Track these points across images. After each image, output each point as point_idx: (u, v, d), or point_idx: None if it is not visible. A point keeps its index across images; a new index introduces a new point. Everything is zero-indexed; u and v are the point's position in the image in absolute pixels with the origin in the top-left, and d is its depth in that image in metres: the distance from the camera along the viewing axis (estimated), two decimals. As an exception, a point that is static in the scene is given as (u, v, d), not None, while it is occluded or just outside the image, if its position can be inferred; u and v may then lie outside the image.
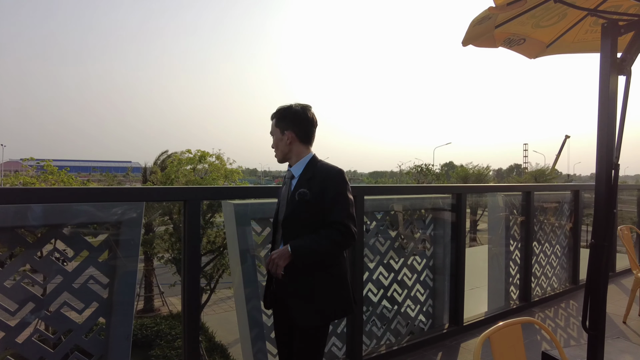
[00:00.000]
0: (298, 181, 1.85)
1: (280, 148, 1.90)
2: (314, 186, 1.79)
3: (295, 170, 1.89)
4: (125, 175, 40.17)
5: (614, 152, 2.42)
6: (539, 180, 31.36)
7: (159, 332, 12.78)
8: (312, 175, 1.83)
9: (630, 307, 3.82)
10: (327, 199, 1.77)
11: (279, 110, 1.91)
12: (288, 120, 1.87)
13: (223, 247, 13.49)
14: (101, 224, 2.03)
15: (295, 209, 1.80)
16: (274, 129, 1.91)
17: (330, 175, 1.81)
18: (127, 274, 2.07)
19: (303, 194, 1.79)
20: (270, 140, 1.95)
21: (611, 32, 2.44)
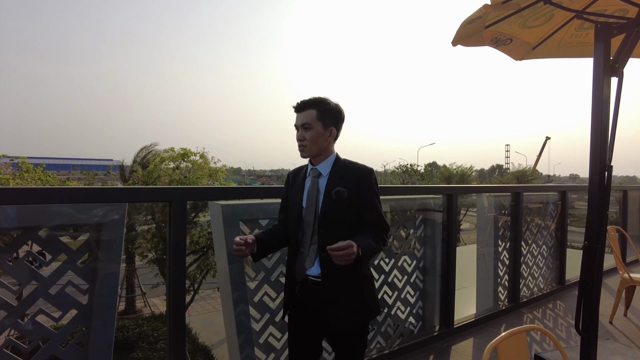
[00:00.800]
0: (329, 179, 1.78)
1: (319, 143, 1.78)
2: (348, 185, 1.74)
3: (323, 169, 1.80)
4: (107, 173, 39.28)
5: (607, 154, 2.41)
6: (521, 180, 31.90)
7: (141, 334, 12.50)
8: (344, 173, 1.78)
9: (617, 307, 3.86)
10: (364, 197, 1.76)
11: (321, 102, 1.78)
12: (332, 115, 1.80)
13: (207, 248, 13.29)
14: (80, 226, 1.91)
15: (332, 208, 1.73)
16: (314, 122, 1.76)
17: (365, 174, 1.78)
18: (109, 279, 1.96)
19: (341, 192, 1.72)
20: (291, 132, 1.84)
21: (604, 34, 2.42)
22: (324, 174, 1.79)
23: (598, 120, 2.40)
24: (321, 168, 1.80)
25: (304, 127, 1.76)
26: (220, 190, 2.24)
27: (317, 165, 1.81)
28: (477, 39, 3.16)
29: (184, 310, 2.08)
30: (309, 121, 1.75)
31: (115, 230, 1.92)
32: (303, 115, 1.76)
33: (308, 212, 1.77)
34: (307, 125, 1.75)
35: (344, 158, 1.87)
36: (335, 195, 1.72)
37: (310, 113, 1.76)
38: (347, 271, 1.69)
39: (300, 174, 1.89)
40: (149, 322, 13.77)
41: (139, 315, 15.54)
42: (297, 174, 1.92)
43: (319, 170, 1.80)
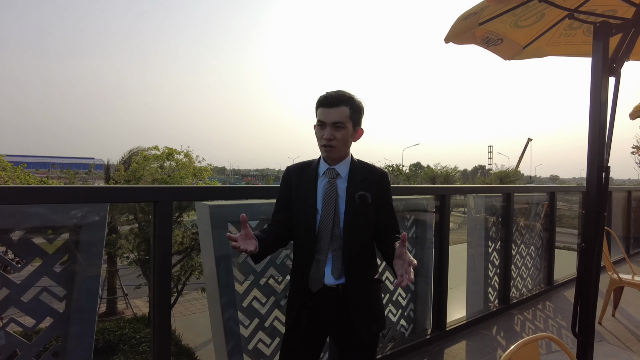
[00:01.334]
0: (350, 182, 1.66)
1: (348, 144, 1.67)
2: (370, 188, 1.65)
3: (342, 170, 1.68)
4: (88, 172, 38.40)
5: (604, 155, 2.38)
6: (504, 181, 32.37)
7: (123, 337, 12.20)
8: (366, 175, 1.67)
9: (606, 308, 3.87)
10: (384, 202, 1.68)
11: (352, 98, 1.63)
12: (361, 114, 1.68)
13: (191, 249, 13.05)
14: (58, 228, 1.77)
15: (357, 213, 1.62)
16: (347, 121, 1.61)
17: (385, 177, 1.71)
18: (88, 285, 1.82)
19: (365, 197, 1.62)
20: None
21: (603, 33, 2.39)
22: (343, 176, 1.67)
23: (596, 120, 2.36)
24: (339, 168, 1.68)
25: (336, 126, 1.60)
26: (208, 190, 2.12)
27: (334, 166, 1.68)
28: (469, 36, 3.14)
29: (169, 314, 1.96)
30: (342, 120, 1.60)
31: (96, 232, 1.78)
32: (336, 112, 1.59)
33: (326, 216, 1.63)
34: (340, 124, 1.60)
35: (357, 158, 1.76)
36: (359, 199, 1.62)
37: (344, 111, 1.60)
38: (369, 279, 1.65)
39: (308, 172, 1.73)
40: (131, 324, 13.46)
41: (120, 317, 15.19)
42: (302, 171, 1.75)
43: (337, 171, 1.67)
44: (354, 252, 1.65)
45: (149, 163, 16.04)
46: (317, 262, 1.64)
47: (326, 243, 1.63)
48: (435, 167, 36.56)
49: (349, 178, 1.66)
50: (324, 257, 1.63)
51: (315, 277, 1.65)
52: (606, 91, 2.37)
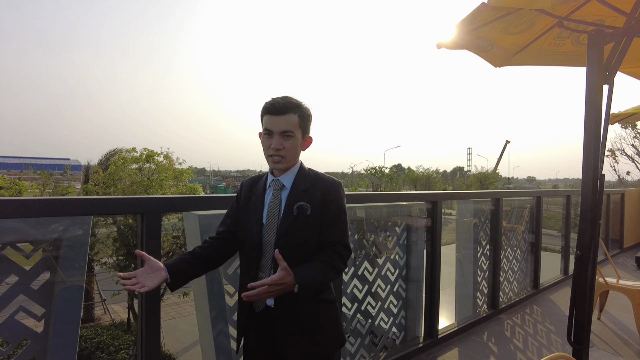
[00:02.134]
0: (292, 192, 1.52)
1: (297, 154, 1.54)
2: (313, 199, 1.50)
3: (286, 180, 1.54)
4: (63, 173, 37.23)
5: (599, 163, 2.38)
6: (484, 182, 32.94)
7: (100, 344, 11.82)
8: (309, 185, 1.53)
9: (592, 313, 3.90)
10: (329, 214, 1.51)
11: (300, 105, 1.52)
12: (309, 122, 1.55)
13: (172, 253, 12.76)
14: (36, 243, 1.64)
15: (292, 226, 1.48)
16: (297, 129, 1.50)
17: (333, 187, 1.54)
18: (70, 300, 1.70)
19: (303, 208, 1.48)
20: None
21: (598, 41, 2.39)
22: (287, 186, 1.54)
23: (591, 128, 2.36)
24: (284, 179, 1.55)
25: (285, 135, 1.48)
26: (197, 200, 2.02)
27: (279, 177, 1.55)
28: (460, 42, 3.14)
29: (158, 339, 1.84)
30: (291, 128, 1.48)
31: (78, 247, 1.66)
32: (284, 120, 1.48)
33: (269, 232, 1.51)
34: (289, 133, 1.48)
35: (309, 168, 1.63)
36: (297, 210, 1.48)
37: (292, 119, 1.49)
38: (302, 302, 1.47)
39: (258, 185, 1.61)
40: (108, 330, 13.07)
41: (97, 323, 14.74)
42: (254, 184, 1.63)
43: (281, 182, 1.55)
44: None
45: (128, 165, 15.63)
46: (260, 280, 1.49)
47: (269, 260, 1.50)
48: (416, 169, 36.92)
49: (291, 189, 1.54)
50: (266, 275, 1.49)
51: None
52: (601, 99, 2.37)
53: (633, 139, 21.09)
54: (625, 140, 21.34)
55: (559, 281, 5.38)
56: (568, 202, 5.68)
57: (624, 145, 21.38)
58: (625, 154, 21.25)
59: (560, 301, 4.67)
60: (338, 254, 1.50)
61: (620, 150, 21.16)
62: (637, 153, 20.91)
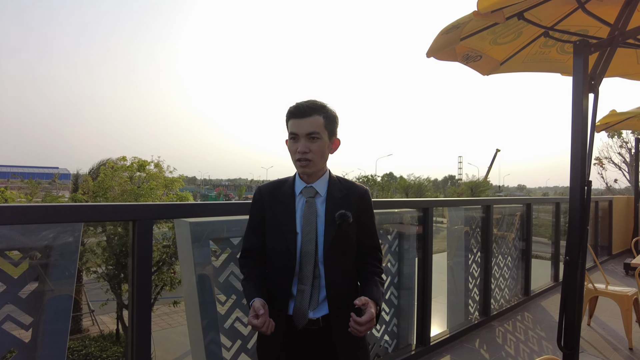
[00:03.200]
0: (329, 200, 1.50)
1: (325, 157, 1.53)
2: (349, 206, 1.50)
3: (320, 187, 1.53)
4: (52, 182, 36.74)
5: (587, 170, 2.42)
6: (475, 191, 33.22)
7: (88, 356, 11.60)
8: (345, 193, 1.53)
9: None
10: (365, 221, 1.54)
11: (325, 107, 1.49)
12: (336, 124, 1.54)
13: (162, 262, 12.62)
14: (24, 250, 1.62)
15: (337, 235, 1.47)
16: (322, 131, 1.47)
17: (366, 194, 1.58)
18: (58, 313, 1.67)
19: (347, 216, 1.47)
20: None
21: (583, 51, 2.45)
22: (322, 194, 1.52)
23: (578, 136, 2.40)
24: (318, 186, 1.52)
25: (311, 137, 1.46)
26: (190, 207, 2.01)
27: (312, 183, 1.53)
28: (451, 52, 3.20)
29: (149, 345, 1.82)
30: (317, 130, 1.46)
31: (68, 255, 1.64)
32: (309, 122, 1.45)
33: (307, 241, 1.47)
34: (315, 135, 1.45)
35: (335, 174, 1.63)
36: (340, 219, 1.47)
37: (317, 120, 1.46)
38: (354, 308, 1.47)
39: (283, 191, 1.56)
40: (97, 342, 12.84)
41: (85, 334, 14.46)
42: (276, 191, 1.58)
43: (315, 189, 1.52)
44: (336, 280, 1.48)
45: (118, 174, 15.49)
46: (301, 292, 1.47)
47: (310, 271, 1.46)
48: (408, 177, 37.14)
49: (327, 196, 1.51)
50: (308, 287, 1.46)
51: (300, 310, 1.48)
52: (587, 107, 2.42)
53: (619, 147, 21.51)
54: (612, 148, 21.76)
55: (550, 288, 5.43)
56: (557, 209, 5.75)
57: (611, 153, 21.79)
58: (612, 162, 21.64)
59: (551, 307, 4.71)
60: (379, 260, 1.57)
61: (608, 159, 21.56)
62: (624, 161, 21.30)
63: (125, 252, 11.84)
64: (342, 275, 1.49)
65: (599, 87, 2.51)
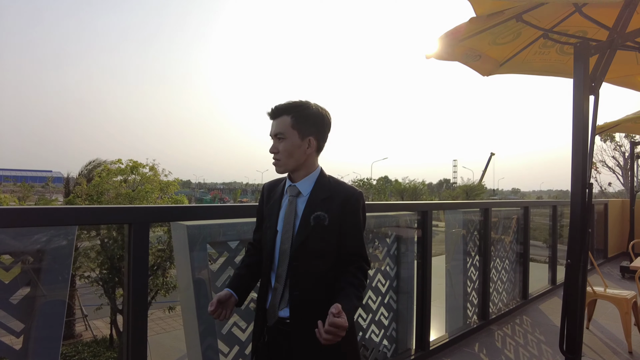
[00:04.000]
0: (310, 201, 1.48)
1: (296, 156, 1.49)
2: (332, 209, 1.46)
3: (304, 187, 1.51)
4: (45, 185, 36.41)
5: (587, 172, 2.41)
6: (470, 194, 33.33)
7: (81, 362, 11.45)
8: (328, 195, 1.48)
9: (583, 321, 3.92)
10: (348, 225, 1.47)
11: (297, 106, 1.49)
12: (310, 122, 1.50)
13: (157, 267, 12.50)
14: (16, 255, 1.57)
15: (310, 236, 1.44)
16: (289, 131, 1.47)
17: (353, 198, 1.50)
18: (50, 319, 1.63)
19: (321, 218, 1.43)
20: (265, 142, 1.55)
21: (583, 53, 2.44)
22: (304, 194, 1.51)
23: (579, 138, 2.39)
24: (301, 186, 1.51)
25: (277, 137, 1.49)
26: (186, 209, 1.97)
27: (296, 182, 1.52)
28: (450, 53, 3.19)
29: (145, 350, 1.77)
30: (282, 130, 1.48)
31: (62, 259, 1.59)
32: (276, 122, 1.50)
33: (285, 240, 1.47)
34: (280, 135, 1.48)
35: (330, 175, 1.60)
36: (314, 221, 1.44)
37: (284, 120, 1.48)
38: (320, 312, 1.39)
39: (277, 189, 1.59)
40: (90, 347, 12.69)
41: (78, 340, 14.27)
42: (273, 188, 1.62)
43: (298, 188, 1.51)
44: (302, 281, 1.45)
45: (112, 177, 15.37)
46: (275, 290, 1.48)
47: (284, 270, 1.46)
48: (403, 180, 37.22)
49: (309, 197, 1.50)
50: (281, 286, 1.46)
51: (272, 307, 1.49)
52: (587, 109, 2.41)
53: (613, 150, 21.67)
54: (606, 152, 21.92)
55: (547, 291, 5.42)
56: (554, 212, 5.75)
57: (605, 157, 21.94)
58: (606, 165, 21.80)
59: (549, 311, 4.69)
60: (361, 270, 1.47)
61: (602, 162, 21.72)
62: (617, 165, 21.46)
63: (120, 256, 11.73)
64: (312, 278, 1.45)
65: (599, 89, 2.50)
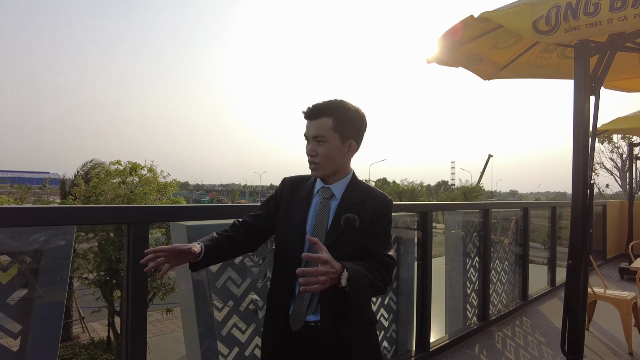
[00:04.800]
0: (342, 204, 1.45)
1: (337, 160, 1.45)
2: (363, 213, 1.43)
3: (337, 190, 1.48)
4: (42, 187, 36.27)
5: (588, 173, 2.40)
6: (468, 196, 33.36)
7: (78, 364, 11.39)
8: (362, 199, 1.46)
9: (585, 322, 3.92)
10: (377, 230, 1.45)
11: (339, 108, 1.44)
12: (351, 125, 1.46)
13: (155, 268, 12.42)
14: (14, 255, 1.55)
15: (340, 238, 1.40)
16: (330, 134, 1.42)
17: (384, 204, 1.48)
18: (48, 321, 1.60)
19: (352, 220, 1.41)
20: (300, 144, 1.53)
21: (583, 53, 2.44)
22: (338, 197, 1.48)
23: (580, 138, 2.38)
24: (335, 188, 1.49)
25: (317, 140, 1.43)
26: (186, 209, 1.95)
27: (330, 185, 1.50)
28: (451, 57, 3.17)
29: (144, 353, 1.75)
30: (322, 133, 1.42)
31: (61, 259, 1.57)
32: (316, 124, 1.43)
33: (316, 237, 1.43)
34: (320, 138, 1.43)
35: (360, 180, 1.58)
36: (345, 223, 1.41)
37: (325, 122, 1.42)
38: (348, 316, 1.40)
39: (304, 187, 1.55)
40: (87, 349, 12.63)
41: (75, 342, 14.20)
42: (298, 186, 1.57)
43: (332, 190, 1.49)
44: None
45: (111, 178, 15.31)
46: (301, 294, 1.43)
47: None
48: (401, 182, 37.23)
49: (341, 200, 1.47)
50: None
51: (298, 312, 1.43)
52: (588, 109, 2.40)
53: (611, 152, 21.75)
54: (604, 153, 22.00)
55: (547, 292, 5.41)
56: (553, 213, 5.75)
57: (603, 158, 22.02)
58: (604, 167, 21.87)
59: (549, 312, 4.68)
60: (382, 264, 1.40)
61: (600, 164, 21.78)
62: (615, 166, 21.53)
63: (117, 257, 11.67)
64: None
65: (599, 89, 2.50)
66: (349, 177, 1.53)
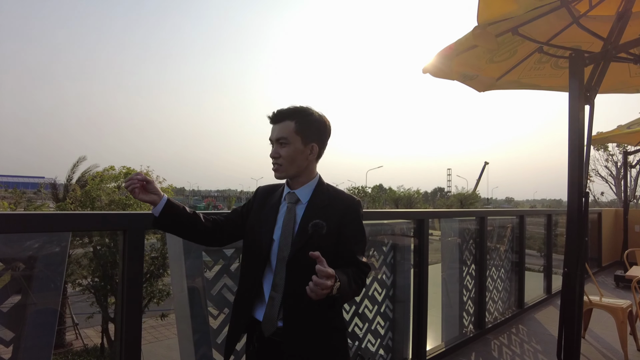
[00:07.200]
0: (308, 208, 1.47)
1: (298, 162, 1.48)
2: (331, 216, 1.44)
3: (303, 194, 1.50)
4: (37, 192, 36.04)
5: (584, 181, 2.42)
6: (464, 203, 33.46)
7: (71, 371, 11.26)
8: (327, 202, 1.48)
9: (581, 330, 3.92)
10: (348, 234, 1.45)
11: (302, 112, 1.48)
12: (314, 129, 1.49)
13: (150, 274, 12.37)
14: (7, 261, 1.53)
15: (307, 244, 1.40)
16: (292, 136, 1.46)
17: (352, 206, 1.50)
18: (41, 328, 1.59)
19: (319, 226, 1.41)
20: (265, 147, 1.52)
21: (578, 63, 2.47)
22: (303, 201, 1.49)
23: (575, 146, 2.40)
24: (300, 193, 1.50)
25: (279, 142, 1.47)
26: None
27: (295, 189, 1.51)
28: (447, 71, 3.18)
29: (139, 358, 1.73)
30: (285, 135, 1.46)
31: (55, 266, 1.56)
32: (279, 127, 1.48)
33: (283, 247, 1.44)
34: (282, 140, 1.47)
35: (327, 183, 1.59)
36: (312, 229, 1.42)
37: (288, 125, 1.46)
38: (314, 321, 1.40)
39: (274, 195, 1.57)
40: (80, 356, 12.49)
41: (69, 349, 14.04)
42: (270, 193, 1.59)
43: (297, 195, 1.50)
44: (298, 290, 1.38)
45: (106, 183, 15.25)
46: (272, 299, 1.44)
47: (282, 278, 1.43)
48: (397, 189, 37.31)
49: (308, 204, 1.48)
50: (279, 295, 1.43)
51: (269, 318, 1.44)
52: (583, 118, 2.43)
53: (605, 160, 21.90)
54: (599, 161, 22.15)
55: (543, 300, 5.41)
56: (549, 221, 5.77)
57: (598, 166, 22.17)
58: (599, 175, 22.01)
59: (545, 320, 4.68)
60: (363, 271, 1.43)
61: (595, 171, 21.93)
62: (610, 174, 21.67)
63: (113, 263, 11.59)
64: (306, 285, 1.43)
65: (594, 99, 2.52)
66: (315, 181, 1.55)
